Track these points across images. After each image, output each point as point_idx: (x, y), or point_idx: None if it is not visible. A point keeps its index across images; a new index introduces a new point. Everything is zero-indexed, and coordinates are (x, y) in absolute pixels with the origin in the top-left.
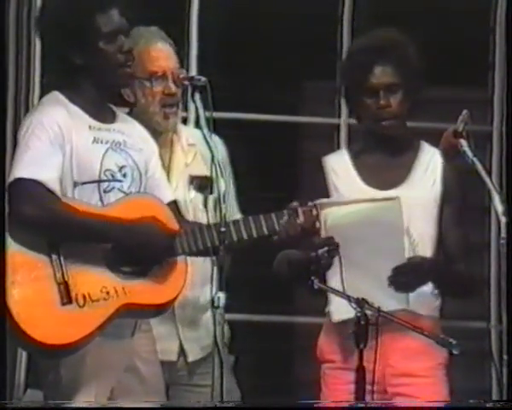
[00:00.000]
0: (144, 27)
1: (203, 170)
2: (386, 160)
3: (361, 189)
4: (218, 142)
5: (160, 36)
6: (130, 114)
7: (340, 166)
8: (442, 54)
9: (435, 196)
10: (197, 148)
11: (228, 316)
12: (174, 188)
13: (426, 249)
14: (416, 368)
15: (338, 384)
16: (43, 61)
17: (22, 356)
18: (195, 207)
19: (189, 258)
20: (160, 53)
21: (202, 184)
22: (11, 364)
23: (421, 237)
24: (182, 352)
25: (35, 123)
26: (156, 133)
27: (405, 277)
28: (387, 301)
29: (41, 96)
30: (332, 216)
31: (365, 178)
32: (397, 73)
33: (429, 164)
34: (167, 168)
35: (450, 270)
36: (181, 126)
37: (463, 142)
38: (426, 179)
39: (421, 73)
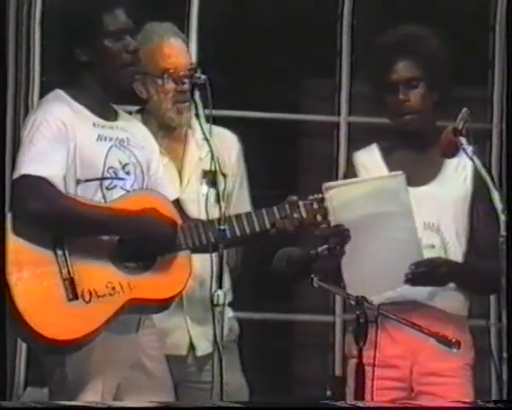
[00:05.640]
0: (157, 23)
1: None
2: (416, 156)
3: None
4: (231, 138)
5: (172, 31)
6: (143, 110)
7: (370, 163)
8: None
9: (466, 192)
10: (212, 143)
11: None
12: (186, 182)
13: (457, 246)
14: (444, 368)
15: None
16: (43, 60)
17: (22, 354)
18: (208, 202)
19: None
20: (173, 50)
21: (215, 179)
22: (11, 362)
23: (452, 234)
24: (191, 346)
25: (39, 120)
26: (170, 128)
27: (421, 275)
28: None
29: (41, 95)
30: (338, 201)
31: None
32: (417, 67)
33: (460, 160)
34: (180, 162)
35: (475, 272)
36: (196, 121)
37: (463, 139)
38: (457, 176)
39: (445, 67)
